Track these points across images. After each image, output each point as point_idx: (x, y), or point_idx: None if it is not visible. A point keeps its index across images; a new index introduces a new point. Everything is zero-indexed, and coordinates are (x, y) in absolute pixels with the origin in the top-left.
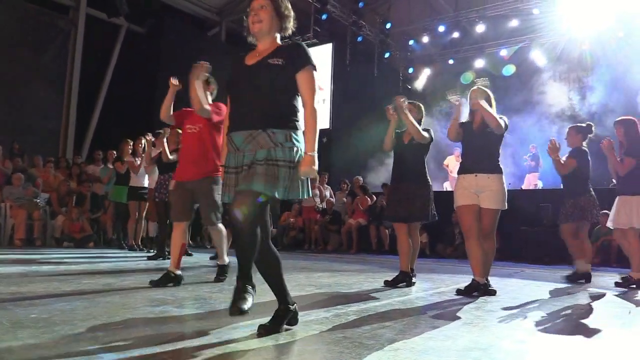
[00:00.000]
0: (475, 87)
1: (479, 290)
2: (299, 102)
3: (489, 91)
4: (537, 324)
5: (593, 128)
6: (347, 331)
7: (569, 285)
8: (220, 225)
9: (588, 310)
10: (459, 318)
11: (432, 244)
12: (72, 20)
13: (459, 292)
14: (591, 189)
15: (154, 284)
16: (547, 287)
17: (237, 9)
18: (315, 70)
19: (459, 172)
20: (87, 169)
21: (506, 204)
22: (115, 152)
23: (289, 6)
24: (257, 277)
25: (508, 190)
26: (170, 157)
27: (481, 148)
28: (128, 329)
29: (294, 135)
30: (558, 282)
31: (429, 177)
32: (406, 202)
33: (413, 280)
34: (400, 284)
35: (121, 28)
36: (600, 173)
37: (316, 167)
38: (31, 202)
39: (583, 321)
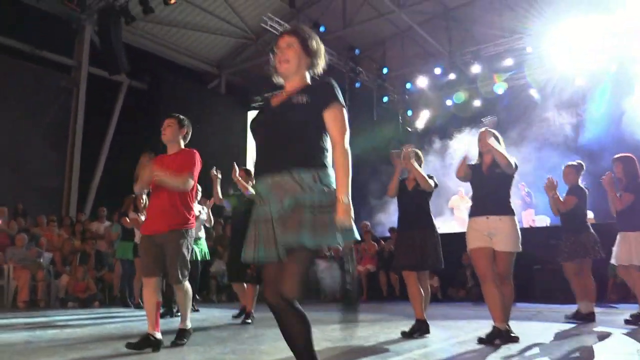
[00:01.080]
0: (483, 129)
1: (500, 337)
2: (327, 142)
3: (496, 132)
4: None
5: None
6: None
7: (582, 325)
8: (187, 284)
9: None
10: None
11: (444, 287)
12: (74, 79)
13: (480, 340)
14: (589, 225)
15: (131, 347)
16: (562, 328)
17: (235, 61)
18: (344, 107)
19: (471, 215)
20: (91, 226)
21: (520, 245)
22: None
23: (318, 40)
24: None
25: None
26: None
27: (491, 190)
28: None
29: (321, 174)
30: (575, 324)
31: (434, 223)
32: (415, 249)
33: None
34: (416, 333)
35: (122, 85)
36: (606, 208)
37: (352, 215)
38: (34, 263)
39: None
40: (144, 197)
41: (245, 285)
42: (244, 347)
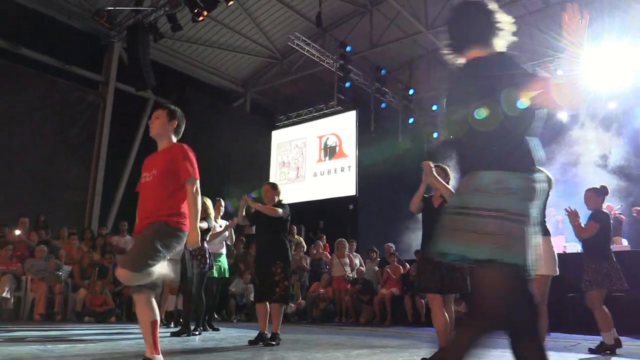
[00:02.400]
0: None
1: None
2: None
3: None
4: None
5: (608, 189)
6: None
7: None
8: (134, 277)
9: None
10: None
11: None
12: (101, 94)
13: None
14: (612, 254)
15: None
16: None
17: (260, 80)
18: None
19: None
20: (111, 240)
21: (557, 269)
22: None
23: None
24: None
25: None
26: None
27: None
28: None
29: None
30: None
31: None
32: (441, 271)
33: None
34: None
35: (148, 101)
36: None
37: None
38: (53, 275)
39: None
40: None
41: (268, 305)
42: None
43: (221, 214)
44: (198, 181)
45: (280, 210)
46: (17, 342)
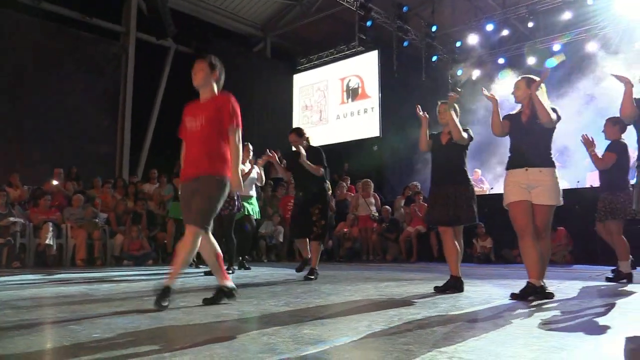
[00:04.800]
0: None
1: (535, 294)
2: None
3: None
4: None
5: None
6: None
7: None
8: (199, 237)
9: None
10: (534, 325)
11: (497, 249)
12: (123, 45)
13: (513, 296)
14: (629, 185)
15: (208, 302)
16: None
17: (280, 24)
18: None
19: (508, 167)
20: (143, 188)
21: (562, 199)
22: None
23: None
24: None
25: (577, 189)
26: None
27: (531, 141)
28: (196, 348)
29: None
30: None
31: (470, 178)
32: (450, 205)
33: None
34: (449, 290)
35: (170, 49)
36: None
37: None
38: (91, 222)
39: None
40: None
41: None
42: (297, 301)
43: (250, 157)
44: (240, 130)
45: (322, 170)
46: (64, 283)
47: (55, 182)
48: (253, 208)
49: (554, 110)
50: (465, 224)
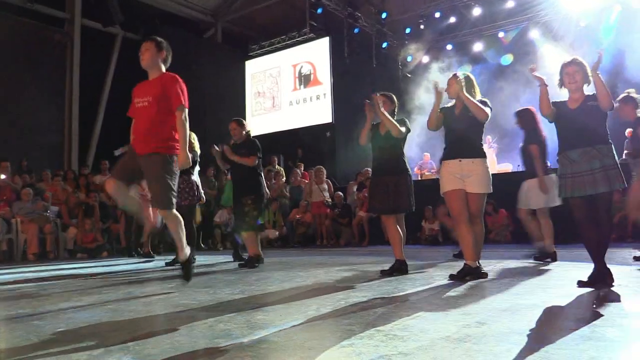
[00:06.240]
0: (456, 77)
1: (471, 274)
2: None
3: (472, 76)
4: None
5: None
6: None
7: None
8: (175, 212)
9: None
10: (488, 304)
11: (445, 231)
12: (67, 32)
13: (452, 277)
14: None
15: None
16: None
17: (231, 9)
18: None
19: (443, 159)
20: (94, 180)
21: (491, 187)
22: None
23: None
24: None
25: (518, 172)
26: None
27: (464, 133)
28: (157, 337)
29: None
30: (574, 261)
31: (408, 167)
32: (389, 195)
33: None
34: (395, 272)
35: (117, 37)
36: None
37: None
38: (41, 216)
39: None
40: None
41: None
42: (252, 288)
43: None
44: (187, 109)
45: (256, 161)
46: (19, 279)
47: (2, 176)
48: None
49: (484, 102)
50: (404, 212)
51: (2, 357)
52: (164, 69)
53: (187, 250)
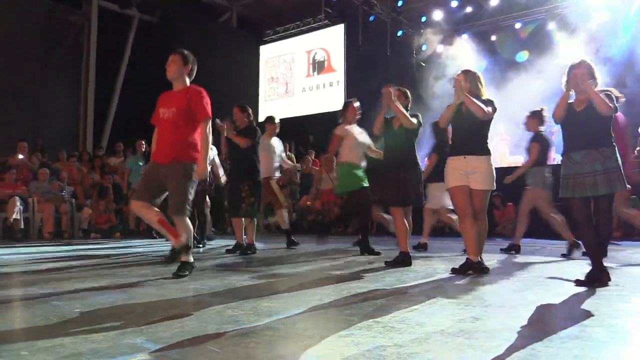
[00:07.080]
0: (461, 75)
1: (473, 268)
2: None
3: (478, 72)
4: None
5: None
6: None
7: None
8: (187, 220)
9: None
10: (487, 300)
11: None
12: (85, 13)
13: (453, 271)
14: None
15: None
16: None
17: None
18: None
19: (449, 155)
20: (109, 161)
21: (495, 184)
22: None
23: None
24: None
25: None
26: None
27: (470, 130)
28: (168, 321)
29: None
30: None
31: (419, 161)
32: (399, 187)
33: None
34: (399, 265)
35: (133, 19)
36: None
37: None
38: (57, 196)
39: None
40: None
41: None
42: (259, 276)
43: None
44: (210, 121)
45: (248, 143)
46: (37, 259)
47: (20, 156)
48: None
49: (490, 102)
50: (413, 205)
51: (26, 336)
52: (188, 82)
53: (184, 239)
